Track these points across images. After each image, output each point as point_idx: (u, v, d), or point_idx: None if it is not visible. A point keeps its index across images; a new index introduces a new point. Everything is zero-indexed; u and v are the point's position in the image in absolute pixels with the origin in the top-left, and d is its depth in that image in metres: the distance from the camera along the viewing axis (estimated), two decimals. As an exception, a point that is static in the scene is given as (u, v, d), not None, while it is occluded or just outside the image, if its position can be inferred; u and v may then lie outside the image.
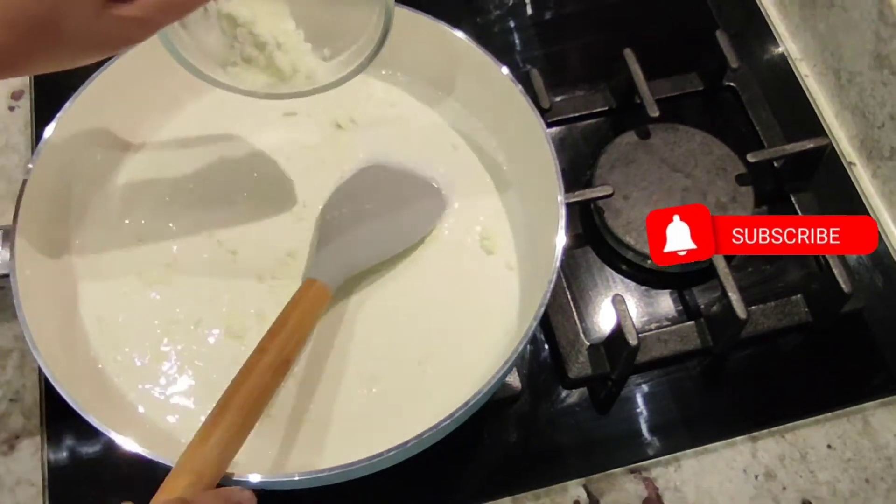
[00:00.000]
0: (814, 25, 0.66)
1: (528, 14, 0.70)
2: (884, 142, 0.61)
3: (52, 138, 0.48)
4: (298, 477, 0.39)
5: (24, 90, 0.65)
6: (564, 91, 0.65)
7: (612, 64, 0.63)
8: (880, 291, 0.57)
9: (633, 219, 0.57)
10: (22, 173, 0.59)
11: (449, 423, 0.40)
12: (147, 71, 0.52)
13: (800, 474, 0.51)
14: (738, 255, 0.58)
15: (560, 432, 0.52)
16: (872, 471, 0.52)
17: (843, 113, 0.65)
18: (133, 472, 0.50)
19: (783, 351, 0.55)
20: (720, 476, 0.51)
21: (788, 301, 0.55)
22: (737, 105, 0.65)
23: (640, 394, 0.54)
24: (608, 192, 0.56)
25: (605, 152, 0.60)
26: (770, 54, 0.69)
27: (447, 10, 0.53)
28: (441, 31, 0.52)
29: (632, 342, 0.49)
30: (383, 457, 0.39)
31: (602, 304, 0.56)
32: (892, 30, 0.57)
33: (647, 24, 0.70)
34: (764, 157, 0.58)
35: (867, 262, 0.59)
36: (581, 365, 0.53)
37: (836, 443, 0.53)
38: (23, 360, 0.54)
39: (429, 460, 0.44)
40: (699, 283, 0.57)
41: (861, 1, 0.60)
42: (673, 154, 0.59)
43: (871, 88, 0.61)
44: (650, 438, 0.52)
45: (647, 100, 0.59)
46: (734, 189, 0.58)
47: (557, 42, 0.69)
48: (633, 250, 0.56)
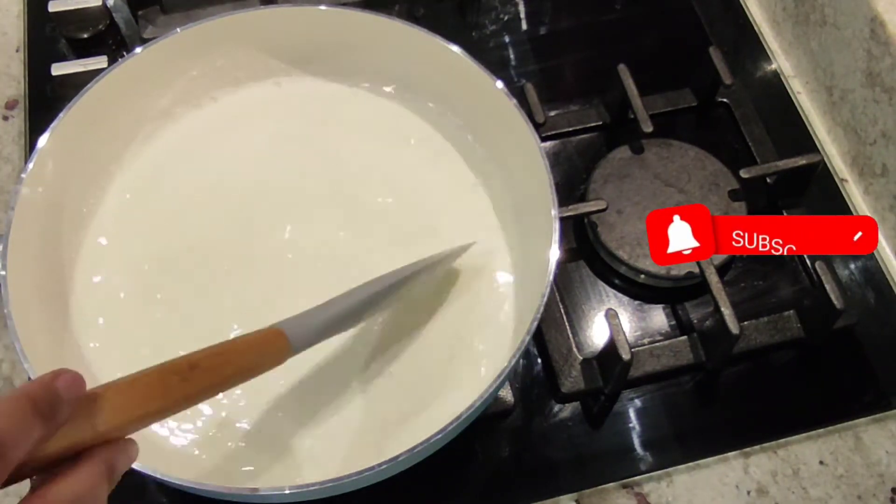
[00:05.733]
0: (806, 43, 0.67)
1: (524, 29, 0.71)
2: (876, 159, 0.61)
3: (45, 148, 0.48)
4: (289, 490, 0.39)
5: (19, 100, 0.64)
6: (559, 106, 0.65)
7: (606, 79, 0.63)
8: (872, 307, 0.58)
9: (627, 233, 0.57)
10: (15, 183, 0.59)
11: (441, 437, 0.40)
12: (141, 82, 0.52)
13: (792, 490, 0.51)
14: (731, 271, 0.58)
15: (552, 447, 0.52)
16: (864, 487, 0.52)
17: (836, 130, 0.65)
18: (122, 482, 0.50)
19: (775, 366, 0.55)
20: (712, 491, 0.51)
21: (781, 317, 0.55)
22: (730, 121, 0.65)
23: (632, 408, 0.54)
24: (602, 206, 0.57)
25: (599, 167, 0.60)
26: (763, 71, 0.69)
27: (443, 25, 0.54)
28: (436, 46, 0.52)
29: (625, 357, 0.49)
30: (374, 471, 0.39)
31: (595, 319, 0.56)
32: (884, 48, 0.58)
33: (641, 40, 0.71)
34: (757, 173, 0.58)
35: (859, 278, 0.59)
36: (574, 379, 0.53)
37: (829, 459, 0.53)
38: (13, 371, 0.53)
39: (420, 474, 0.44)
40: (692, 298, 0.57)
41: (853, 19, 0.60)
42: (666, 169, 0.60)
43: (863, 106, 0.61)
44: (643, 453, 0.52)
45: (640, 115, 0.60)
46: (727, 204, 0.58)
47: (552, 57, 0.69)
48: (627, 265, 0.56)
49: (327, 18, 0.54)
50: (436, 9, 0.69)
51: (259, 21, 0.54)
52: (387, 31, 0.53)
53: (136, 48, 0.51)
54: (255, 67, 0.56)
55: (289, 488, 0.39)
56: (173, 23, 0.67)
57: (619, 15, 0.72)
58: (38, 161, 0.47)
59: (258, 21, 0.54)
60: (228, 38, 0.54)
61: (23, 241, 0.46)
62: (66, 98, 0.49)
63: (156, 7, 0.68)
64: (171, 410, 0.32)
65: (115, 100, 0.51)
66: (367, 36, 0.54)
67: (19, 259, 0.45)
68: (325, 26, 0.54)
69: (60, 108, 0.49)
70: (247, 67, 0.56)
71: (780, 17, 0.70)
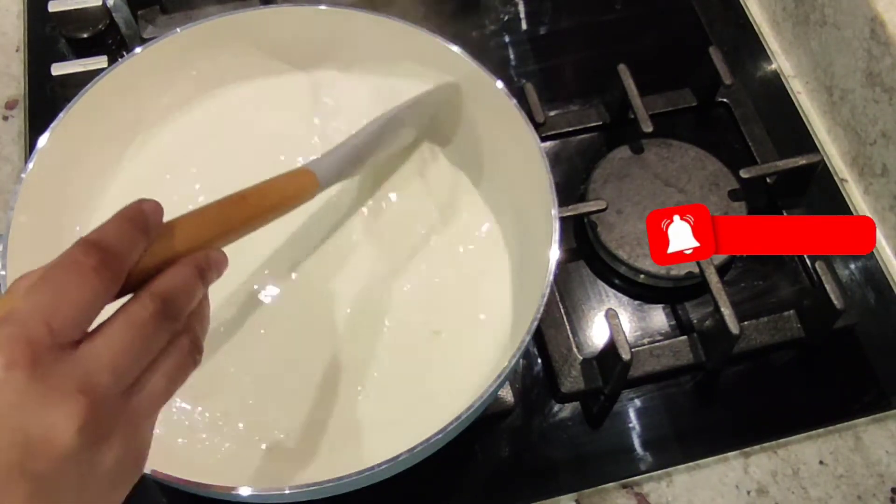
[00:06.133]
0: (806, 43, 0.67)
1: (524, 29, 0.71)
2: (875, 159, 0.61)
3: (45, 148, 0.48)
4: (289, 490, 0.39)
5: (19, 100, 0.64)
6: (559, 106, 0.65)
7: (606, 79, 0.63)
8: (872, 307, 0.58)
9: (627, 233, 0.57)
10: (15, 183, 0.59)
11: (441, 437, 0.40)
12: (141, 82, 0.52)
13: (792, 490, 0.51)
14: (731, 271, 0.58)
15: (552, 447, 0.52)
16: (864, 487, 0.52)
17: (836, 129, 0.65)
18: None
19: (775, 366, 0.55)
20: (712, 491, 0.51)
21: (781, 317, 0.55)
22: (730, 121, 0.65)
23: (632, 408, 0.54)
24: (602, 206, 0.57)
25: (599, 167, 0.60)
26: (763, 71, 0.69)
27: (443, 25, 0.54)
28: (436, 46, 0.52)
29: (625, 357, 0.49)
30: (374, 471, 0.39)
31: (595, 319, 0.56)
32: (884, 48, 0.58)
33: (641, 40, 0.71)
34: (757, 173, 0.58)
35: (859, 277, 0.59)
36: (574, 379, 0.53)
37: (829, 459, 0.53)
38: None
39: (420, 474, 0.44)
40: (692, 298, 0.57)
41: (853, 19, 0.60)
42: (666, 169, 0.60)
43: (863, 106, 0.61)
44: (642, 453, 0.52)
45: (640, 115, 0.60)
46: (727, 204, 0.58)
47: (552, 57, 0.69)
48: (626, 265, 0.56)
49: (327, 18, 0.54)
50: (436, 9, 0.70)
51: (259, 21, 0.54)
52: (387, 31, 0.53)
53: (136, 48, 0.51)
54: (256, 67, 0.56)
55: (289, 488, 0.39)
56: (173, 23, 0.67)
57: (619, 15, 0.72)
58: (38, 161, 0.47)
59: (258, 21, 0.54)
60: (228, 37, 0.54)
61: (23, 241, 0.46)
62: (66, 98, 0.49)
63: (156, 7, 0.68)
64: (231, 234, 0.36)
65: (115, 100, 0.51)
66: (367, 36, 0.54)
67: (19, 259, 0.45)
68: (325, 26, 0.54)
69: (60, 108, 0.49)
70: (247, 67, 0.56)
71: (780, 17, 0.70)
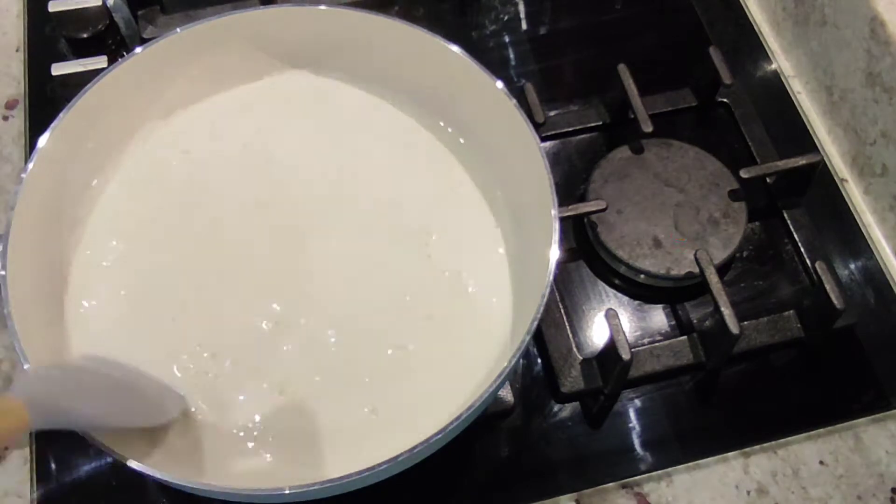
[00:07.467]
0: (806, 43, 0.67)
1: (524, 29, 0.71)
2: (875, 159, 0.61)
3: (45, 148, 0.48)
4: (289, 490, 0.39)
5: (19, 100, 0.64)
6: (559, 105, 0.65)
7: (606, 79, 0.63)
8: (872, 307, 0.58)
9: (627, 233, 0.57)
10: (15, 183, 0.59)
11: (441, 437, 0.40)
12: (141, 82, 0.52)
13: (792, 490, 0.51)
14: (731, 271, 0.58)
15: (552, 447, 0.52)
16: (864, 487, 0.52)
17: (836, 130, 0.65)
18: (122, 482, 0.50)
19: (775, 366, 0.55)
20: (712, 492, 0.51)
21: (781, 317, 0.55)
22: (730, 121, 0.65)
23: (632, 408, 0.54)
24: (602, 206, 0.57)
25: (599, 167, 0.60)
26: (763, 71, 0.69)
27: (443, 25, 0.54)
28: (436, 45, 0.52)
29: (625, 357, 0.49)
30: (374, 471, 0.39)
31: (595, 319, 0.56)
32: (884, 48, 0.58)
33: (641, 39, 0.71)
34: (757, 173, 0.58)
35: (859, 278, 0.59)
36: (574, 379, 0.53)
37: (829, 459, 0.53)
38: (13, 371, 0.53)
39: (420, 475, 0.44)
40: (692, 298, 0.57)
41: (853, 19, 0.60)
42: (666, 169, 0.60)
43: (862, 106, 0.61)
44: (642, 453, 0.52)
45: (640, 115, 0.60)
46: (727, 204, 0.58)
47: (552, 57, 0.69)
48: (626, 265, 0.56)
49: (327, 18, 0.54)
50: (436, 9, 0.70)
51: (259, 21, 0.54)
52: (387, 31, 0.53)
53: (136, 48, 0.51)
54: (256, 67, 0.56)
55: (289, 488, 0.39)
56: (173, 23, 0.67)
57: (619, 15, 0.72)
58: (38, 161, 0.47)
59: (258, 21, 0.54)
60: (228, 37, 0.54)
61: (23, 240, 0.46)
62: (66, 98, 0.49)
63: (156, 7, 0.68)
64: None
65: (115, 100, 0.51)
66: (367, 36, 0.54)
67: (19, 259, 0.45)
68: (324, 26, 0.54)
69: (60, 108, 0.49)
70: (247, 67, 0.56)
71: (780, 17, 0.70)
